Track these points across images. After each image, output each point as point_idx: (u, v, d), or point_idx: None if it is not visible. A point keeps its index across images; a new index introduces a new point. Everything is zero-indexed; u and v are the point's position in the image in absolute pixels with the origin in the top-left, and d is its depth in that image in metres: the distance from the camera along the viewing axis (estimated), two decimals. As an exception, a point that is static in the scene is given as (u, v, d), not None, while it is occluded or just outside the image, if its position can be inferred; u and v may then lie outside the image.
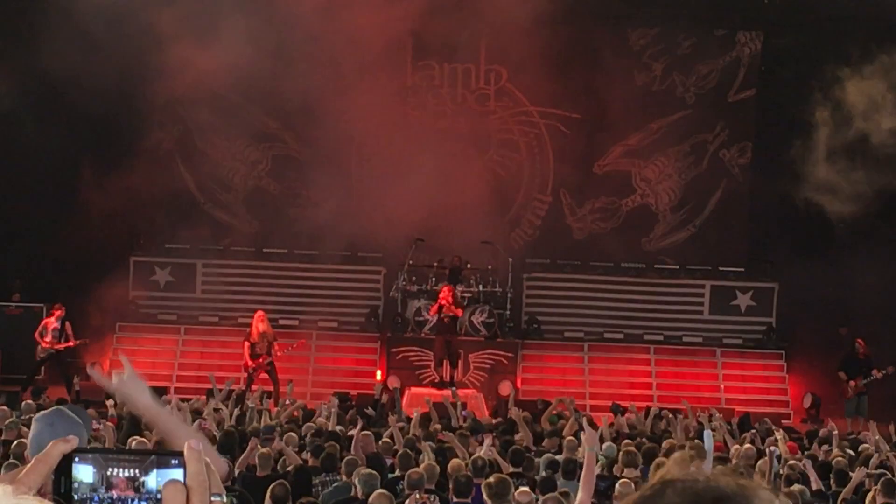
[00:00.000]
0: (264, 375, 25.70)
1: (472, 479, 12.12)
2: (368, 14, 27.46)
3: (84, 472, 2.35)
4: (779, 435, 17.93)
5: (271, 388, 25.16)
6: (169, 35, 26.89)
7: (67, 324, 26.76)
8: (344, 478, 12.98)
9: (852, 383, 26.68)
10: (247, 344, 25.70)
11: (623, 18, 29.58)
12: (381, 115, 28.44)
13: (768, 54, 30.61)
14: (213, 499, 2.31)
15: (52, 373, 27.12)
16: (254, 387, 25.00)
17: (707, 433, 16.42)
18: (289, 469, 13.87)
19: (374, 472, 12.20)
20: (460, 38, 29.57)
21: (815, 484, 13.84)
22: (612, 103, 29.23)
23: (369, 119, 28.64)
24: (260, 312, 26.14)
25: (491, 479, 11.26)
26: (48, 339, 26.43)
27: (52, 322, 26.57)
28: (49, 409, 5.46)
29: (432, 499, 11.38)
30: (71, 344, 26.65)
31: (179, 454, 2.34)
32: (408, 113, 29.72)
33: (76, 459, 2.35)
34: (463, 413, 20.63)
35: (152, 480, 2.35)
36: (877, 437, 18.49)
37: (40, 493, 2.29)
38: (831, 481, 14.17)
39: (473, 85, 30.83)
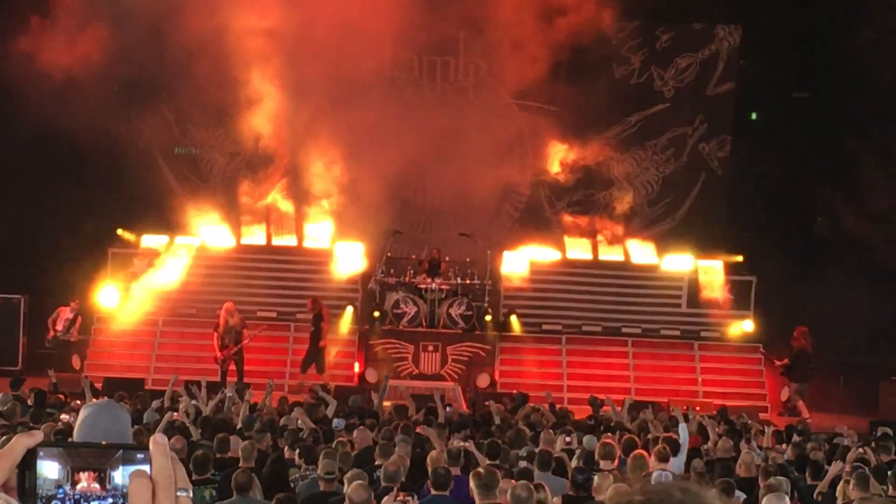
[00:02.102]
0: (232, 366, 25.75)
1: (451, 472, 12.11)
2: (347, 5, 27.45)
3: (49, 468, 2.30)
4: (768, 429, 18.07)
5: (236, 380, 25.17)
6: (146, 25, 26.91)
7: (79, 318, 26.96)
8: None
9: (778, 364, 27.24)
10: (215, 335, 25.78)
11: (602, 11, 29.51)
12: (360, 108, 28.36)
13: (747, 48, 30.66)
14: (179, 493, 2.28)
15: (32, 364, 27.11)
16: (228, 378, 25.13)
17: (682, 426, 16.50)
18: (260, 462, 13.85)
19: (364, 472, 12.19)
20: (440, 31, 29.50)
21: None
22: (590, 96, 29.21)
23: (347, 111, 28.56)
24: (229, 305, 26.16)
25: (480, 470, 11.29)
26: (60, 328, 26.57)
27: (66, 312, 26.72)
28: (102, 400, 5.45)
29: (413, 497, 11.37)
30: (75, 336, 26.90)
31: (145, 449, 2.31)
32: (386, 105, 29.61)
33: (41, 454, 2.31)
34: (448, 409, 20.62)
35: (119, 476, 2.32)
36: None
37: (5, 487, 2.26)
38: (807, 474, 14.22)
39: (452, 77, 30.83)
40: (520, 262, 29.57)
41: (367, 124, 28.31)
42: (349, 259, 29.13)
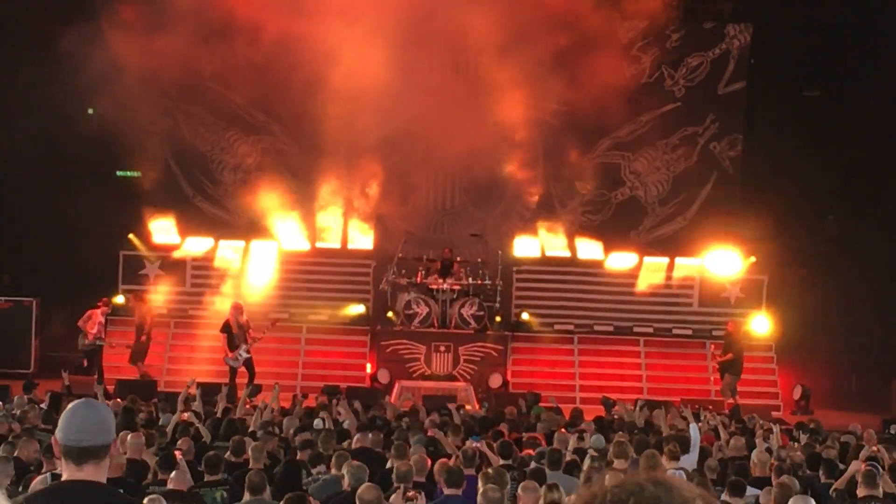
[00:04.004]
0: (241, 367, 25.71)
1: (463, 471, 12.13)
2: (355, 4, 27.46)
3: None
4: (775, 428, 18.05)
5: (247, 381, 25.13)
6: (155, 29, 27.00)
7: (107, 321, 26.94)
8: (334, 471, 12.97)
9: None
10: (224, 336, 25.61)
11: (612, 11, 29.46)
12: (368, 107, 28.34)
13: (757, 47, 30.61)
14: None
15: (44, 366, 27.14)
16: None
17: (693, 425, 16.49)
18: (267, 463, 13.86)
19: (364, 464, 12.20)
20: (450, 32, 29.45)
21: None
22: (601, 96, 29.16)
23: (357, 111, 28.57)
24: (237, 304, 26.13)
25: (489, 471, 11.34)
26: (95, 331, 26.31)
27: (99, 315, 26.51)
28: (84, 399, 5.51)
29: (420, 494, 11.39)
30: (113, 344, 26.86)
31: None
32: (395, 105, 29.58)
33: None
34: (461, 412, 20.62)
35: None
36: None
37: None
38: (821, 473, 14.21)
39: (463, 77, 30.74)
40: (531, 249, 29.77)
41: (375, 124, 28.30)
42: (361, 261, 29.28)
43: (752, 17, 30.66)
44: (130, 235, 29.37)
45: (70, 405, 5.30)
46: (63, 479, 5.19)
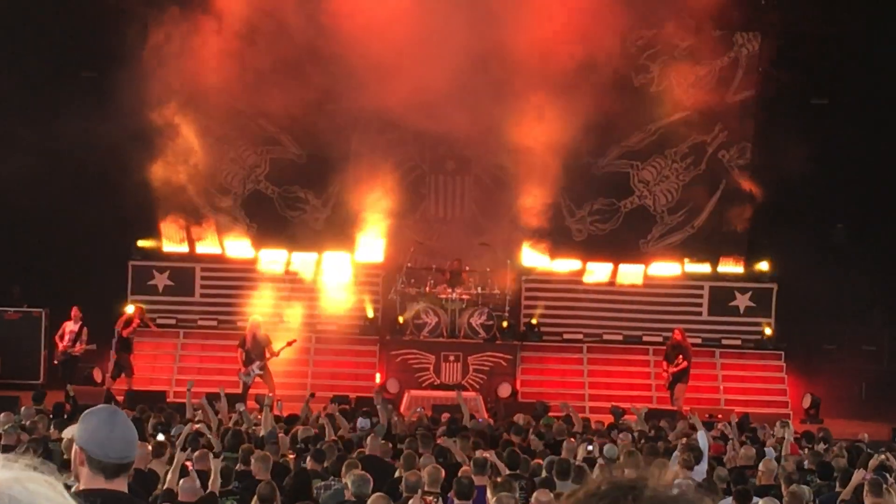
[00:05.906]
0: (258, 380, 25.65)
1: (474, 482, 12.12)
2: (363, 18, 27.47)
3: None
4: (787, 432, 18.03)
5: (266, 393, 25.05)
6: (165, 42, 27.05)
7: (84, 329, 26.63)
8: (344, 480, 12.97)
9: (664, 372, 27.03)
10: (240, 351, 25.59)
11: (621, 19, 29.41)
12: (377, 118, 28.35)
13: (766, 55, 30.57)
14: None
15: (53, 377, 27.10)
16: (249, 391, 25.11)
17: (701, 434, 16.47)
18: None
19: (367, 474, 12.20)
20: (458, 42, 29.43)
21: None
22: (609, 104, 29.14)
23: (366, 123, 28.60)
24: (256, 319, 26.05)
25: (499, 480, 11.36)
26: (65, 341, 26.22)
27: (70, 325, 26.40)
28: (103, 406, 5.41)
29: (436, 500, 11.40)
30: (80, 348, 26.51)
31: None
32: (403, 115, 29.57)
33: None
34: (480, 421, 20.64)
35: None
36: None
37: None
38: (831, 481, 14.19)
39: (471, 86, 30.66)
40: (540, 258, 29.74)
41: (383, 134, 28.30)
42: (370, 270, 29.28)
43: (760, 26, 30.62)
44: (139, 242, 29.39)
45: (103, 418, 5.14)
46: (86, 487, 5.09)
